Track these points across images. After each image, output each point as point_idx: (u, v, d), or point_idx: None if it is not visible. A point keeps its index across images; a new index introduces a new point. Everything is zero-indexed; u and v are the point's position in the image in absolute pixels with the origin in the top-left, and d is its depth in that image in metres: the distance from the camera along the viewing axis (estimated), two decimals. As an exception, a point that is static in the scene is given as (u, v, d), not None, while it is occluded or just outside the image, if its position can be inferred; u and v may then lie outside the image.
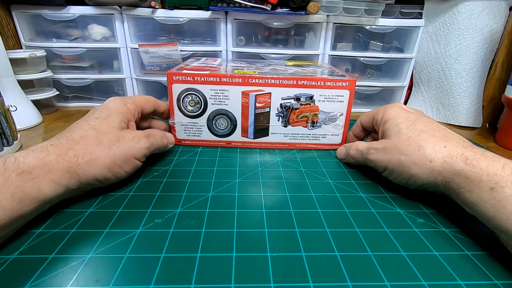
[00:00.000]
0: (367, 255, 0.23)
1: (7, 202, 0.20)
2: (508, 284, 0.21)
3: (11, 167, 0.21)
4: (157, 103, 0.39)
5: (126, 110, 0.33)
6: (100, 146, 0.27)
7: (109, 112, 0.31)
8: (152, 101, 0.38)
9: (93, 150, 0.26)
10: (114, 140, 0.28)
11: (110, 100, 0.33)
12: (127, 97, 0.35)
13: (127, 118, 0.32)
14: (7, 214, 0.20)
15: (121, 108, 0.32)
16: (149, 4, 0.54)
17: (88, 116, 0.30)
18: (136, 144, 0.30)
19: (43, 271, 0.20)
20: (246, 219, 0.27)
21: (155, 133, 0.34)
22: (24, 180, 0.22)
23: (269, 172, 0.35)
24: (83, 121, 0.29)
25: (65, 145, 0.25)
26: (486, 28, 0.53)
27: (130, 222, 0.26)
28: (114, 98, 0.33)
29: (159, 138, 0.34)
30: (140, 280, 0.20)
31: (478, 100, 0.57)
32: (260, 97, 0.39)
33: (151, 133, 0.33)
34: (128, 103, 0.33)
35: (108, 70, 0.60)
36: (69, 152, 0.25)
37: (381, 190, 0.32)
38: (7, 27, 0.53)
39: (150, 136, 0.32)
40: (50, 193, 0.23)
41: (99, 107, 0.32)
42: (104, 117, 0.30)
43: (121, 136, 0.29)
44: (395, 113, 0.32)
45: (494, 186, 0.22)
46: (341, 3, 0.53)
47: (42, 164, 0.23)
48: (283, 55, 0.58)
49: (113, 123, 0.30)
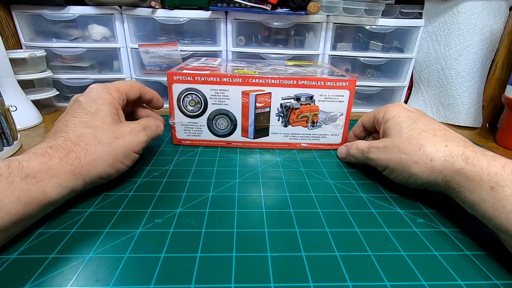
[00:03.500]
0: (367, 255, 0.23)
1: (11, 206, 0.21)
2: (508, 284, 0.21)
3: (15, 171, 0.21)
4: (143, 89, 0.36)
5: (111, 99, 0.31)
6: (100, 145, 0.27)
7: (97, 105, 0.29)
8: (137, 87, 0.36)
9: (94, 150, 0.26)
10: (112, 137, 0.28)
11: (92, 88, 0.31)
12: (109, 84, 0.33)
13: (115, 108, 0.31)
14: (11, 218, 0.21)
15: (106, 97, 0.30)
16: (149, 4, 0.54)
17: (75, 111, 0.29)
18: (135, 138, 0.30)
19: (43, 271, 0.20)
20: (246, 219, 0.27)
21: (151, 124, 0.33)
22: (29, 184, 0.22)
23: (269, 172, 0.35)
24: (73, 117, 0.28)
25: (64, 147, 0.25)
26: (486, 28, 0.53)
27: (130, 222, 0.26)
28: (96, 86, 0.31)
29: (155, 129, 0.34)
30: (140, 280, 0.20)
31: (478, 100, 0.57)
32: (260, 97, 0.39)
33: (147, 125, 0.33)
34: (111, 91, 0.32)
35: (108, 70, 0.60)
36: (71, 155, 0.25)
37: (381, 190, 0.32)
38: (7, 27, 0.53)
39: (147, 129, 0.32)
40: (55, 196, 0.24)
41: (83, 99, 0.30)
42: (94, 111, 0.29)
43: (119, 131, 0.29)
44: (396, 112, 0.32)
45: (494, 186, 0.22)
46: (341, 3, 0.53)
47: (47, 168, 0.23)
48: (283, 55, 0.58)
49: (105, 117, 0.29)
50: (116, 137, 0.28)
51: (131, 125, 0.31)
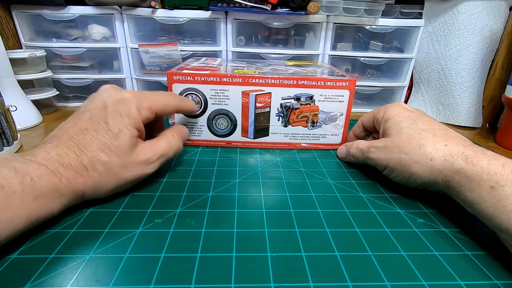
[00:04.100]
0: (367, 255, 0.23)
1: (20, 223, 0.21)
2: (508, 284, 0.21)
3: (28, 190, 0.21)
4: (180, 105, 0.34)
5: (139, 120, 0.28)
6: (107, 173, 0.26)
7: (121, 125, 0.27)
8: (172, 105, 0.32)
9: (100, 180, 0.26)
10: (122, 167, 0.27)
11: (125, 99, 0.28)
12: (144, 97, 0.29)
13: (139, 130, 0.28)
14: (16, 231, 0.21)
15: (134, 117, 0.28)
16: (149, 4, 0.54)
17: (99, 122, 0.27)
18: (144, 170, 0.28)
19: (43, 271, 0.20)
20: (246, 219, 0.27)
21: (170, 148, 0.31)
22: (39, 205, 0.22)
23: (269, 172, 0.35)
24: (93, 130, 0.26)
25: (74, 168, 0.24)
26: (486, 28, 0.53)
27: (130, 222, 0.26)
28: (131, 96, 0.28)
29: (172, 154, 0.31)
30: (140, 280, 0.20)
31: (478, 100, 0.57)
32: (260, 97, 0.39)
33: (166, 153, 0.30)
34: (143, 109, 0.29)
35: (108, 70, 0.60)
36: (79, 179, 0.25)
37: (381, 190, 0.32)
38: (7, 27, 0.53)
39: (162, 157, 0.30)
40: (57, 212, 0.24)
41: (112, 109, 0.27)
42: (115, 133, 0.26)
43: (130, 161, 0.27)
44: (396, 112, 0.32)
45: (494, 185, 0.22)
46: (341, 3, 0.53)
47: (55, 190, 0.23)
48: (283, 55, 0.58)
49: (123, 143, 0.27)
50: (125, 168, 0.27)
51: (147, 152, 0.29)
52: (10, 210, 0.20)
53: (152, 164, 0.29)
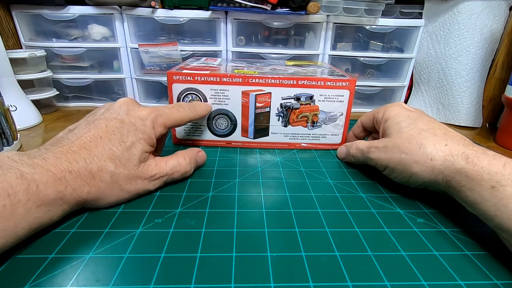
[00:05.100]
0: (367, 255, 0.23)
1: (23, 232, 0.21)
2: (508, 284, 0.21)
3: (33, 198, 0.21)
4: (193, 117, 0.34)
5: (152, 136, 0.29)
6: (112, 185, 0.26)
7: (134, 138, 0.27)
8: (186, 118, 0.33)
9: (104, 190, 0.26)
10: (127, 180, 0.27)
11: (142, 116, 0.29)
12: (159, 113, 0.30)
13: (150, 145, 0.29)
14: (18, 239, 0.21)
15: (148, 133, 0.29)
16: (149, 4, 0.54)
17: (114, 131, 0.27)
18: (147, 185, 0.29)
19: (43, 271, 0.20)
20: (246, 219, 0.27)
21: (175, 173, 0.31)
22: (42, 212, 0.22)
23: (269, 172, 0.35)
24: (107, 140, 0.26)
25: (82, 176, 0.24)
26: (486, 28, 0.53)
27: (130, 222, 0.26)
28: (148, 113, 0.29)
29: (178, 176, 0.31)
30: (140, 280, 0.20)
31: (478, 100, 0.57)
32: (260, 97, 0.39)
33: (171, 174, 0.30)
34: (157, 126, 0.30)
35: (108, 70, 0.60)
36: (84, 188, 0.24)
37: (381, 190, 0.32)
38: (7, 27, 0.53)
39: (166, 176, 0.30)
40: (57, 219, 0.24)
41: (128, 120, 0.28)
42: (128, 145, 0.27)
43: (137, 174, 0.27)
44: (396, 112, 0.32)
45: (495, 185, 0.22)
46: (341, 3, 0.53)
47: (59, 198, 0.23)
48: (283, 55, 0.58)
49: (133, 156, 0.27)
50: (129, 181, 0.27)
51: (153, 169, 0.29)
52: (14, 218, 0.20)
53: (155, 181, 0.29)
